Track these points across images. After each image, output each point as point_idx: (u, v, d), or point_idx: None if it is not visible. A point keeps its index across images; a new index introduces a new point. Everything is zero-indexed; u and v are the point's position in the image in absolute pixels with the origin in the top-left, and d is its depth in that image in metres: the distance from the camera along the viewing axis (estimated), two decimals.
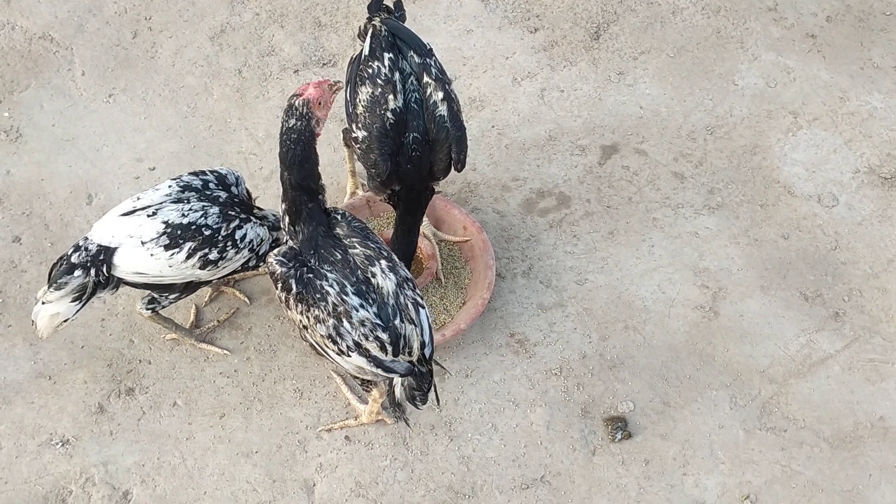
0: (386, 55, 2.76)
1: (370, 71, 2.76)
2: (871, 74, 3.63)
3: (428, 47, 2.83)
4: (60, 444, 2.80)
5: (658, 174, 3.37)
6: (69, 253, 2.64)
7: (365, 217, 3.19)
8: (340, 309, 2.37)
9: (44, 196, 3.27)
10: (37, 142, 3.40)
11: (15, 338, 2.98)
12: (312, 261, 2.41)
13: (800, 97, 3.57)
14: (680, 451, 2.80)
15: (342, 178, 3.32)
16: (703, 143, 3.45)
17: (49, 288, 2.61)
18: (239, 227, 2.66)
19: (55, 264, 2.65)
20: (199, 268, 2.63)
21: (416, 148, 2.73)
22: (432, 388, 2.54)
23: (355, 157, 3.14)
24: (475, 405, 2.88)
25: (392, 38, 2.80)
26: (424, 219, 3.11)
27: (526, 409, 2.87)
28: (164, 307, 2.77)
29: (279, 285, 2.43)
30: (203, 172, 2.72)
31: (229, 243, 2.64)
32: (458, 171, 2.79)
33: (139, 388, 2.89)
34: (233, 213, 2.67)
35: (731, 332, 3.02)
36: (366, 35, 2.85)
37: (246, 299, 3.04)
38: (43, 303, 2.63)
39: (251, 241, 2.68)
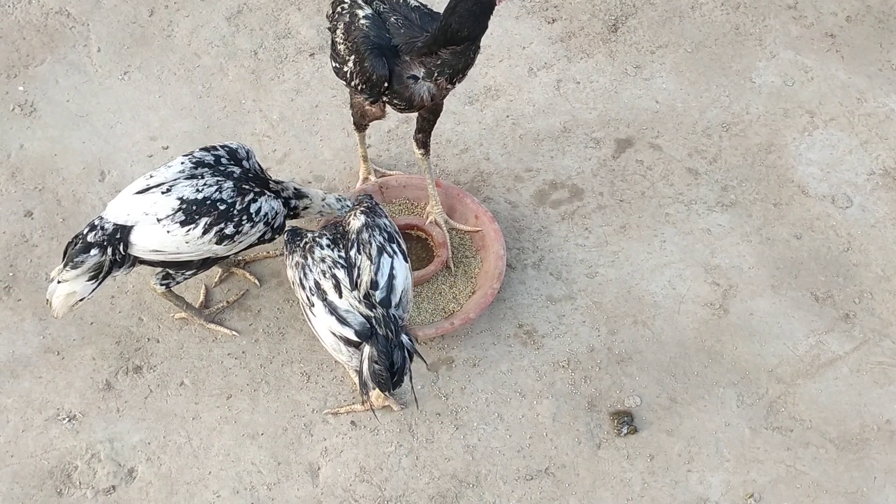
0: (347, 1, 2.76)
1: (335, 17, 2.76)
2: (890, 76, 3.60)
3: None
4: (67, 419, 2.80)
5: (672, 169, 3.36)
6: (85, 232, 2.64)
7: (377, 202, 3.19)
8: (308, 245, 2.55)
9: (57, 171, 3.27)
10: (51, 117, 3.40)
11: (24, 312, 2.98)
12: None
13: (817, 97, 3.55)
14: (685, 447, 2.80)
15: (355, 163, 3.32)
16: (719, 139, 3.44)
17: (65, 267, 2.61)
18: (253, 200, 2.67)
19: (70, 243, 2.65)
20: (216, 243, 2.63)
21: (402, 24, 2.64)
22: (403, 375, 2.46)
23: (366, 143, 3.14)
24: (482, 395, 2.88)
25: None
26: (438, 206, 3.11)
27: (532, 401, 2.87)
28: (177, 283, 2.77)
29: (285, 250, 2.67)
30: (214, 148, 2.73)
31: (244, 217, 2.64)
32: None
33: (147, 366, 2.89)
34: (247, 187, 2.68)
35: (740, 330, 3.01)
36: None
37: (256, 281, 3.04)
38: (59, 282, 2.63)
39: (266, 214, 2.69)
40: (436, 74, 2.63)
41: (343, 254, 2.56)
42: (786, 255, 3.17)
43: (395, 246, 2.57)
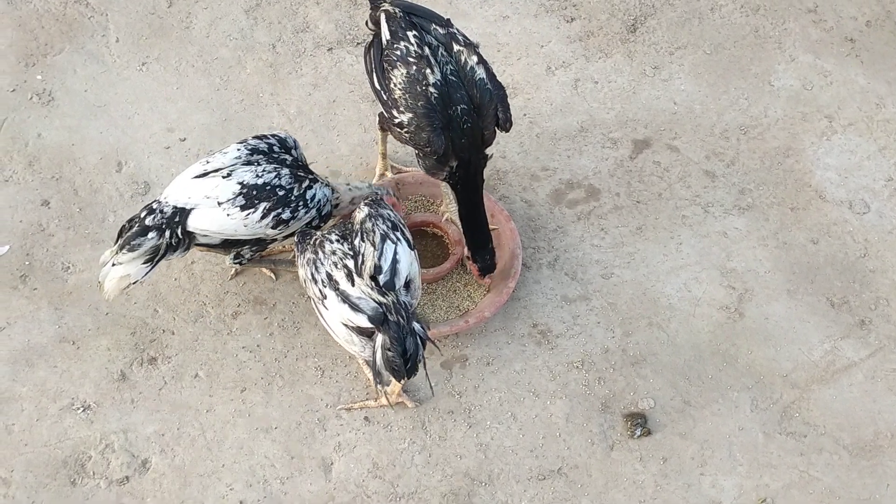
0: (409, 33, 2.76)
1: (398, 53, 2.75)
2: None
3: (446, 18, 2.83)
4: (81, 409, 2.81)
5: (689, 171, 3.35)
6: (142, 215, 2.67)
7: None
8: (318, 241, 2.59)
9: (74, 161, 3.28)
10: (69, 106, 3.40)
11: (40, 301, 2.99)
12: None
13: (836, 101, 3.53)
14: (699, 450, 2.79)
15: (371, 159, 3.31)
16: (736, 142, 3.43)
17: (121, 250, 2.64)
18: (309, 187, 2.74)
19: (125, 227, 2.69)
20: (272, 227, 2.69)
21: (467, 119, 2.73)
22: (417, 362, 2.46)
23: (387, 141, 3.14)
24: (495, 393, 2.88)
25: (408, 16, 2.79)
26: (453, 204, 3.11)
27: (546, 401, 2.87)
28: (248, 259, 2.87)
29: (296, 251, 2.69)
30: (266, 136, 2.80)
31: (301, 203, 2.71)
32: (507, 130, 2.80)
33: (162, 357, 2.90)
34: (302, 174, 2.75)
35: (755, 334, 3.00)
36: (378, 23, 2.84)
37: (272, 275, 3.04)
38: (113, 264, 2.65)
39: (319, 200, 2.75)
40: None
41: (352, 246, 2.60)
42: (802, 260, 3.16)
43: (398, 234, 2.61)
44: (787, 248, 3.19)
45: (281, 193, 2.68)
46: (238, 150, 2.74)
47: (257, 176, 2.68)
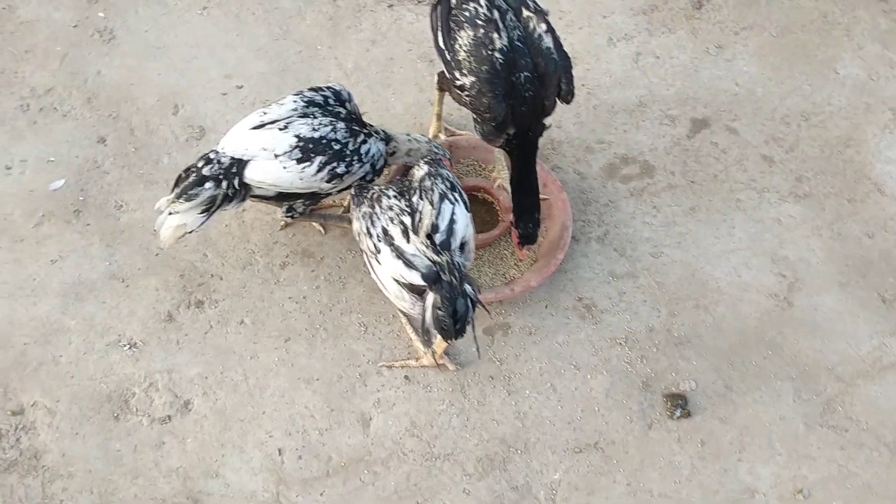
0: None
1: (467, 14, 2.71)
2: None
3: None
4: (128, 346, 2.84)
5: (747, 155, 3.30)
6: (199, 165, 2.66)
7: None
8: (376, 196, 2.59)
9: (131, 101, 3.28)
10: (129, 45, 3.40)
11: (92, 237, 3.02)
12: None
13: None
14: (737, 436, 2.78)
15: (426, 119, 3.29)
16: (797, 128, 3.36)
17: (179, 199, 2.63)
18: (364, 141, 2.72)
19: (181, 176, 2.68)
20: (327, 181, 2.69)
21: (529, 87, 2.69)
22: (466, 323, 2.45)
23: (444, 102, 3.11)
24: (536, 363, 2.88)
25: None
26: (505, 171, 3.09)
27: (586, 374, 2.86)
28: (299, 213, 2.87)
29: (352, 203, 2.68)
30: (321, 88, 2.78)
31: (355, 157, 2.70)
32: (568, 102, 2.76)
33: (209, 301, 2.92)
34: (357, 128, 2.73)
35: (803, 324, 2.97)
36: None
37: (321, 229, 3.04)
38: (170, 213, 2.65)
39: (373, 155, 2.74)
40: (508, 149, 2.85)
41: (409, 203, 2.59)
42: (856, 253, 3.12)
43: (456, 195, 2.61)
44: (842, 240, 3.14)
45: (336, 147, 2.67)
46: (294, 101, 2.72)
47: (314, 129, 2.67)
